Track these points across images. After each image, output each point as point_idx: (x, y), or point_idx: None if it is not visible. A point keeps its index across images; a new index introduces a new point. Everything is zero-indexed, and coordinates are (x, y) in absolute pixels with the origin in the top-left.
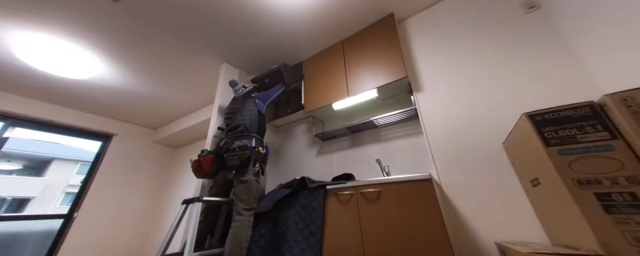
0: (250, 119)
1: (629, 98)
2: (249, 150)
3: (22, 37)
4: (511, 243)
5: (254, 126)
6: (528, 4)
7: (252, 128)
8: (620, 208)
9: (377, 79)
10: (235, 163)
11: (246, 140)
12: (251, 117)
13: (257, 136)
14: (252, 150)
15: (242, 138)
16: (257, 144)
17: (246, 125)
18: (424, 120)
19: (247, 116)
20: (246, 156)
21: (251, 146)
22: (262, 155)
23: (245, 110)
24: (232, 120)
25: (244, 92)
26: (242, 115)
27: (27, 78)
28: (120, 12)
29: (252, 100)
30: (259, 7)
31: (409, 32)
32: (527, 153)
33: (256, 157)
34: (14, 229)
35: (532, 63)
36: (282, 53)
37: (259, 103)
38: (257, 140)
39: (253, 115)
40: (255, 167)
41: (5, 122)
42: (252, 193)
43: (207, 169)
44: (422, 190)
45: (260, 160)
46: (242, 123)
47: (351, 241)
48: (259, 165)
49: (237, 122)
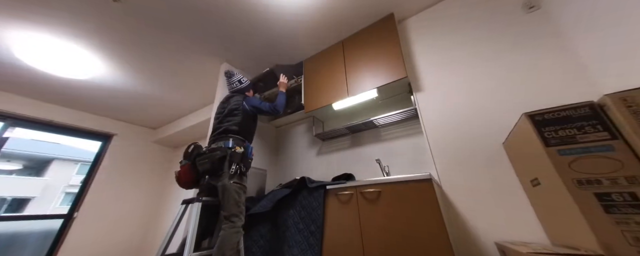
0: (234, 120)
1: (629, 98)
2: (221, 150)
3: (22, 37)
4: (511, 243)
5: (235, 125)
6: (528, 4)
7: (233, 127)
8: (620, 208)
9: (377, 79)
10: (206, 167)
11: (222, 142)
12: (235, 118)
13: (235, 136)
14: (227, 150)
15: (219, 140)
16: (235, 144)
17: (228, 127)
18: (424, 120)
19: (232, 117)
20: (217, 157)
21: (226, 147)
22: (239, 154)
23: (230, 108)
24: (215, 123)
25: (238, 88)
26: (227, 117)
27: (27, 78)
28: (120, 12)
29: (241, 99)
30: (259, 7)
31: (409, 32)
32: (527, 153)
33: (232, 157)
34: (13, 229)
35: (532, 63)
36: (282, 53)
37: (247, 104)
38: (236, 140)
39: (237, 115)
40: (232, 168)
41: (5, 122)
42: (231, 198)
43: (185, 178)
44: (422, 190)
45: (238, 160)
46: (222, 124)
47: (351, 241)
48: (237, 165)
49: (219, 125)
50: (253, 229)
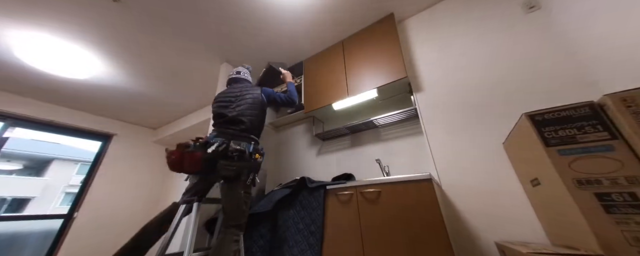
0: (252, 114)
1: (629, 98)
2: (248, 159)
3: (22, 37)
4: (511, 243)
5: (254, 124)
6: (528, 4)
7: (253, 126)
8: (620, 208)
9: (377, 79)
10: (230, 175)
11: (245, 144)
12: (253, 111)
13: (256, 139)
14: (250, 157)
15: (241, 139)
16: (255, 150)
17: (244, 120)
18: (424, 120)
19: (250, 109)
20: (244, 168)
21: (249, 152)
22: (258, 164)
23: (249, 99)
24: (226, 109)
25: (248, 78)
26: (243, 106)
27: (27, 78)
28: (120, 12)
29: (257, 88)
30: (259, 7)
31: (409, 32)
32: (527, 153)
33: (251, 167)
34: (14, 229)
35: (532, 63)
36: (282, 53)
37: (264, 95)
38: (256, 144)
39: (256, 108)
40: (249, 178)
41: (5, 122)
42: (239, 209)
43: (190, 168)
44: (422, 190)
45: (256, 170)
46: (242, 117)
47: (351, 241)
48: (253, 175)
49: (235, 114)
50: (253, 229)
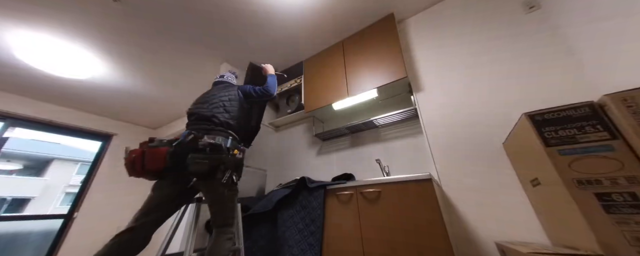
0: (228, 110)
1: (629, 98)
2: (223, 153)
3: (22, 37)
4: (511, 243)
5: (233, 120)
6: (528, 4)
7: (230, 124)
8: (620, 208)
9: (377, 79)
10: (202, 170)
11: (221, 138)
12: (230, 107)
13: (234, 135)
14: (227, 152)
15: (216, 133)
16: (233, 145)
17: (220, 118)
18: (424, 120)
19: (224, 105)
20: (219, 162)
21: (226, 146)
22: (236, 160)
23: (224, 97)
24: (201, 108)
25: (232, 81)
26: (218, 105)
27: (27, 78)
28: (120, 12)
29: (235, 87)
30: (259, 7)
31: (409, 32)
32: (527, 153)
33: (228, 163)
34: (14, 229)
35: (532, 63)
36: (282, 53)
37: (241, 91)
38: (234, 140)
39: (234, 105)
40: (225, 175)
41: (5, 122)
42: (227, 208)
43: (153, 165)
44: (422, 190)
45: (233, 166)
46: (217, 115)
47: (351, 241)
48: (230, 173)
49: (209, 114)
50: (253, 229)
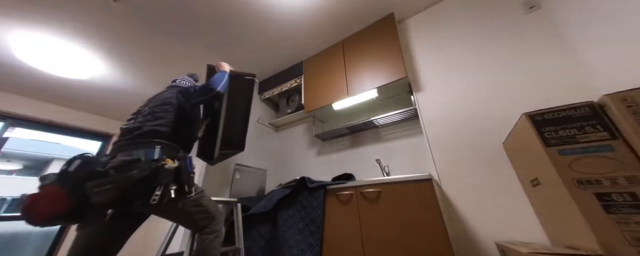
0: (158, 116)
1: (629, 98)
2: (141, 167)
3: (22, 37)
4: (511, 243)
5: (164, 126)
6: (528, 4)
7: (159, 129)
8: (620, 208)
9: (377, 79)
10: (109, 198)
11: (140, 152)
12: (161, 112)
13: (165, 142)
14: (151, 164)
15: (136, 147)
16: (163, 154)
17: (144, 128)
18: (424, 120)
19: (155, 112)
20: (133, 180)
21: (149, 158)
22: (171, 171)
23: (156, 102)
24: (128, 124)
25: (185, 85)
26: (145, 112)
27: (27, 78)
28: (120, 12)
29: (173, 90)
30: (259, 7)
31: (409, 32)
32: (527, 153)
33: (160, 176)
34: (14, 229)
35: (532, 63)
36: (281, 53)
37: (182, 93)
38: (166, 148)
39: (166, 108)
40: (154, 194)
41: (5, 122)
42: (195, 217)
43: (47, 209)
44: (422, 190)
45: (168, 179)
46: (142, 125)
47: (351, 241)
48: (163, 189)
49: (132, 124)
50: (253, 229)
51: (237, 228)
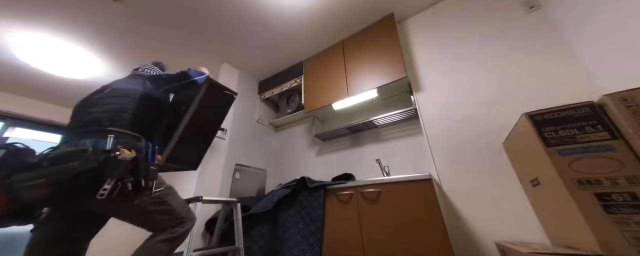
0: (116, 101)
1: (629, 98)
2: (83, 157)
3: (22, 37)
4: (511, 243)
5: (126, 115)
6: (528, 4)
7: (121, 118)
8: (620, 208)
9: (377, 79)
10: (40, 194)
11: (89, 141)
12: (121, 98)
13: (122, 131)
14: (98, 155)
15: (83, 136)
16: (118, 144)
17: (96, 114)
18: (424, 120)
19: (113, 99)
20: (71, 173)
21: (98, 149)
22: (126, 163)
23: (116, 90)
24: (79, 110)
25: (151, 74)
26: (101, 101)
27: (27, 78)
28: (120, 12)
29: (139, 78)
30: (259, 7)
31: (409, 32)
32: (527, 153)
33: (109, 168)
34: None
35: (532, 63)
36: (282, 53)
37: (149, 79)
38: (121, 137)
39: (128, 93)
40: (103, 187)
41: (5, 122)
42: (154, 218)
43: None
44: (422, 190)
45: (121, 173)
46: (93, 110)
47: (351, 241)
48: (116, 182)
49: (84, 111)
50: (253, 229)
51: (237, 228)
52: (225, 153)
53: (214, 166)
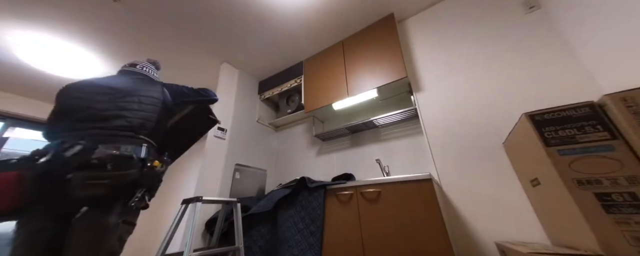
0: (144, 108)
1: (629, 98)
2: (133, 167)
3: (22, 37)
4: (511, 243)
5: (149, 124)
6: (528, 3)
7: (144, 127)
8: (620, 208)
9: (377, 79)
10: (98, 193)
11: (129, 147)
12: (148, 105)
13: (151, 141)
14: (141, 165)
15: (120, 141)
16: (149, 154)
17: (130, 118)
18: (424, 120)
19: (141, 101)
20: (127, 179)
21: (138, 156)
22: (155, 175)
23: (143, 96)
24: (96, 103)
25: (150, 73)
26: (131, 100)
27: (27, 78)
28: (120, 12)
29: (157, 84)
30: (259, 7)
31: (409, 32)
32: (527, 153)
33: (143, 180)
34: None
35: (532, 63)
36: (282, 53)
37: (169, 90)
38: (150, 147)
39: (154, 102)
40: (134, 197)
41: (5, 122)
42: (104, 248)
43: (4, 202)
44: (422, 190)
45: (148, 184)
46: (125, 113)
47: (351, 241)
48: (143, 193)
49: (109, 109)
50: (253, 229)
51: (237, 228)
52: (225, 153)
53: (214, 166)
